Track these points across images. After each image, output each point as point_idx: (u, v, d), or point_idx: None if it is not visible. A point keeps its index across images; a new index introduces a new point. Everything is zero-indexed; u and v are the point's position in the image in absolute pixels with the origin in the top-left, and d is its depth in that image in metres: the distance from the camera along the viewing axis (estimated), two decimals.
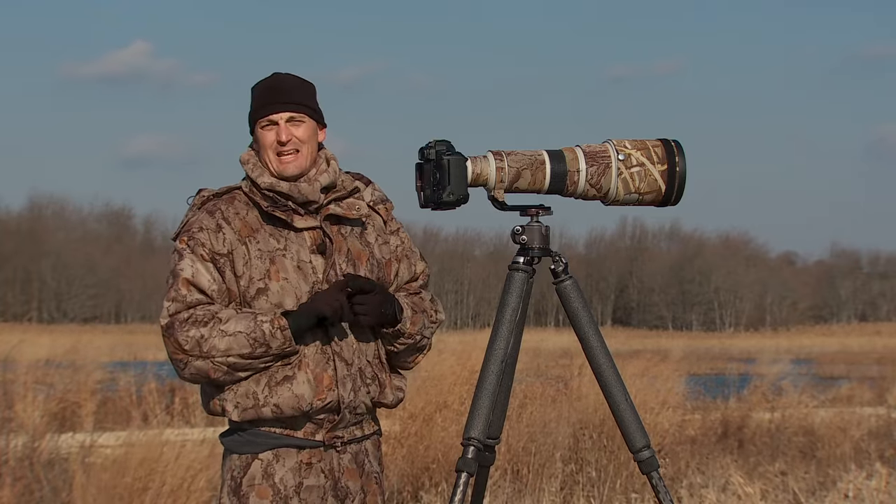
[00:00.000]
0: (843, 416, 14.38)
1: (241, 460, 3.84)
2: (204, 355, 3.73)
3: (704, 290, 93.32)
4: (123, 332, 57.26)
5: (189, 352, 3.74)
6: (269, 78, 3.92)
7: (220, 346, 3.72)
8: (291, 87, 3.88)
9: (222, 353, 3.73)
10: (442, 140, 3.91)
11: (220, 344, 3.72)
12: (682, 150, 4.04)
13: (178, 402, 14.93)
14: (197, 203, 3.89)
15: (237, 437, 3.86)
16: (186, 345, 3.74)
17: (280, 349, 3.76)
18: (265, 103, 3.87)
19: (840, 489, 9.81)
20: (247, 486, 3.82)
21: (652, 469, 3.98)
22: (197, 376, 3.77)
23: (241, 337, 3.73)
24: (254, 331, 3.73)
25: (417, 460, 10.01)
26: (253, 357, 3.74)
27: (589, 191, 3.98)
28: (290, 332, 3.75)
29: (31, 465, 8.67)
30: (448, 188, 3.87)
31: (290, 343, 3.76)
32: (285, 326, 3.74)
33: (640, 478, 9.65)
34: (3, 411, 9.50)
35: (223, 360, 3.73)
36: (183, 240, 3.80)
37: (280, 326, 3.74)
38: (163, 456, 8.62)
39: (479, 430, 3.88)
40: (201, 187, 3.94)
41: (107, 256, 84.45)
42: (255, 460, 3.83)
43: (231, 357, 3.73)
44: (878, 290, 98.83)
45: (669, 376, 13.30)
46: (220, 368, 3.75)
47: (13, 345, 11.49)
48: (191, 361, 3.74)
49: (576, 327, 4.01)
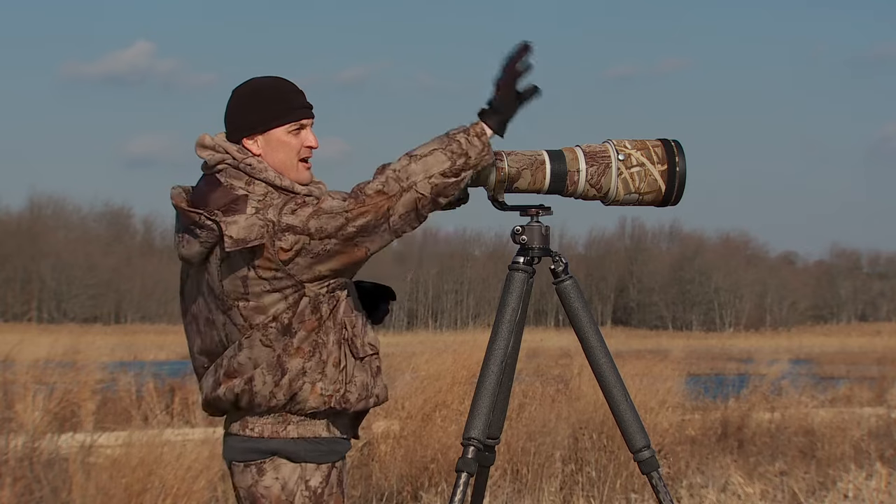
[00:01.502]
0: (842, 416, 14.38)
1: (322, 470, 3.72)
2: (406, 187, 3.61)
3: (704, 290, 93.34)
4: (123, 332, 57.24)
5: (391, 192, 3.60)
6: (285, 81, 3.83)
7: (418, 170, 3.62)
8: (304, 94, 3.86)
9: (423, 176, 3.61)
10: None
11: (417, 167, 3.62)
12: (682, 150, 4.04)
13: (178, 402, 14.94)
14: (259, 206, 3.68)
15: (319, 445, 3.72)
16: (386, 187, 3.61)
17: (479, 157, 3.68)
18: (296, 106, 3.79)
19: (840, 489, 9.81)
20: (327, 496, 3.72)
21: (652, 469, 3.98)
22: (408, 216, 3.62)
23: (438, 153, 3.64)
24: (448, 144, 3.65)
25: (417, 460, 10.01)
26: (455, 171, 3.64)
27: (589, 191, 3.99)
28: (488, 137, 3.69)
29: (31, 465, 8.67)
30: None
31: (487, 149, 3.68)
32: (482, 132, 3.69)
33: (640, 478, 9.65)
34: (3, 411, 9.49)
35: (425, 183, 3.61)
36: (298, 200, 3.64)
37: (476, 133, 3.68)
38: (163, 456, 8.62)
39: (479, 430, 3.88)
40: (177, 184, 3.79)
41: (107, 256, 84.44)
42: (333, 468, 3.74)
43: (433, 177, 3.62)
44: (878, 290, 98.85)
45: (669, 376, 13.30)
46: (426, 196, 3.62)
47: (13, 345, 11.49)
48: (395, 204, 3.61)
49: (576, 327, 4.01)
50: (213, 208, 3.66)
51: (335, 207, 3.61)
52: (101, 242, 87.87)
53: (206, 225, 3.65)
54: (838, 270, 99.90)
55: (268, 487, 3.70)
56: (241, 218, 3.62)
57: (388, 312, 3.96)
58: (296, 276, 3.64)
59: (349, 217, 3.60)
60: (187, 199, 3.74)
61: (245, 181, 3.71)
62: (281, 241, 3.61)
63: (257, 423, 3.72)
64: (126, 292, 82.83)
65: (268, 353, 3.67)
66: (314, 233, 3.61)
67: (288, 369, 3.66)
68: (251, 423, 3.73)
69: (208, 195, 3.70)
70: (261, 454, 3.72)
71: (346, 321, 3.72)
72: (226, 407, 3.78)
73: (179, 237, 3.77)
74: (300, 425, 3.72)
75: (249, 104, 3.78)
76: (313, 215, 3.62)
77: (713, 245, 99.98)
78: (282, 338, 3.66)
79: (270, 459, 3.71)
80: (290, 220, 3.62)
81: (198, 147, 3.78)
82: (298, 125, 3.79)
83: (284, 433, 3.70)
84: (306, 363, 3.67)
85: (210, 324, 3.76)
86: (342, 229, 3.61)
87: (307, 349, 3.67)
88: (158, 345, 40.23)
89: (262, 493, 3.71)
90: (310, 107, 3.82)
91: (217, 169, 3.74)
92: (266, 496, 3.70)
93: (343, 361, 3.71)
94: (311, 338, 3.67)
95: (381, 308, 3.94)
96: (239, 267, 3.66)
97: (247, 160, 3.73)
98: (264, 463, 3.71)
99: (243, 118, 3.77)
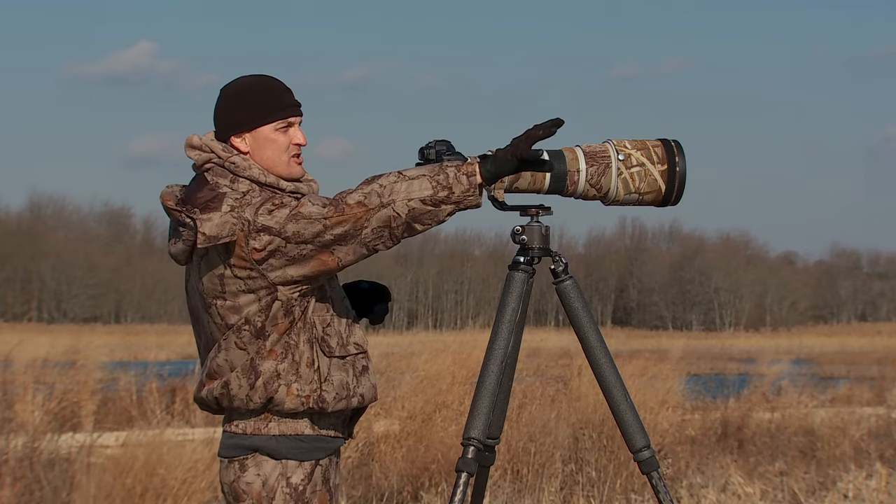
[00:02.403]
0: (842, 416, 14.37)
1: (304, 467, 3.73)
2: (385, 203, 3.58)
3: (704, 290, 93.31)
4: (123, 332, 57.22)
5: (369, 204, 3.58)
6: (273, 79, 3.85)
7: (400, 189, 3.59)
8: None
9: (405, 196, 3.58)
10: (442, 140, 3.90)
11: (399, 187, 3.59)
12: (682, 150, 4.04)
13: (178, 402, 14.94)
14: (234, 203, 3.68)
15: (300, 443, 3.73)
16: (367, 199, 3.59)
17: (462, 197, 3.63)
18: (285, 105, 3.82)
19: (840, 489, 9.81)
20: (310, 494, 3.73)
21: (652, 469, 3.98)
22: (381, 232, 3.60)
23: (424, 180, 3.61)
24: (437, 174, 3.63)
25: (417, 460, 10.02)
26: (435, 202, 3.61)
27: (589, 191, 3.99)
28: (476, 179, 3.64)
29: (31, 465, 8.67)
30: None
31: (473, 191, 3.63)
32: (472, 173, 3.64)
33: (640, 478, 9.66)
34: (3, 411, 9.49)
35: (403, 204, 3.58)
36: (275, 201, 3.64)
37: (466, 172, 3.64)
38: (163, 456, 8.63)
39: (479, 430, 3.88)
40: (173, 184, 3.82)
41: (107, 256, 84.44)
42: (317, 466, 3.75)
43: (412, 201, 3.59)
44: (878, 290, 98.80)
45: (669, 376, 13.32)
46: (400, 217, 3.59)
47: (13, 345, 11.49)
48: (372, 216, 3.58)
49: (576, 327, 4.01)
50: (194, 206, 3.69)
51: (314, 213, 3.61)
52: (101, 242, 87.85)
53: (186, 223, 3.69)
54: (838, 270, 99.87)
55: (249, 483, 3.73)
56: (217, 215, 3.65)
57: (387, 312, 3.97)
58: (269, 277, 3.66)
59: (327, 224, 3.60)
60: (179, 197, 3.77)
61: (230, 179, 3.74)
62: (254, 241, 3.63)
63: (241, 421, 3.77)
64: (126, 292, 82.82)
65: (242, 355, 3.70)
66: (290, 237, 3.62)
67: (261, 372, 3.69)
68: (236, 421, 3.78)
69: (194, 194, 3.74)
70: (243, 450, 3.75)
71: (315, 319, 3.73)
72: (212, 407, 3.82)
73: (171, 236, 3.83)
74: (282, 423, 3.74)
75: (236, 103, 3.81)
76: (291, 218, 3.62)
77: (713, 245, 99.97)
78: (255, 340, 3.69)
79: (252, 456, 3.74)
80: (266, 221, 3.63)
81: (186, 147, 3.82)
82: (286, 123, 3.82)
83: (266, 430, 3.74)
84: (279, 365, 3.69)
85: (200, 322, 3.82)
86: (319, 236, 3.61)
87: (279, 351, 3.70)
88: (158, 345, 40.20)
89: (243, 488, 3.74)
90: (297, 104, 3.85)
91: (205, 168, 3.78)
92: (247, 492, 3.73)
93: (316, 361, 3.72)
94: (282, 340, 3.70)
95: (381, 308, 3.95)
96: (216, 265, 3.69)
97: (231, 158, 3.76)
98: (246, 459, 3.74)
99: (231, 117, 3.81)
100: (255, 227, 3.62)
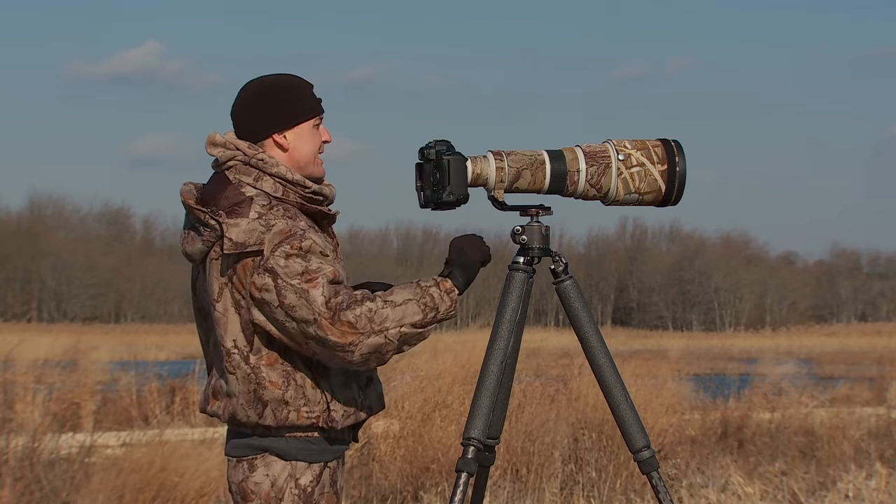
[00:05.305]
0: (842, 416, 14.38)
1: (314, 469, 3.72)
2: (377, 330, 3.57)
3: (704, 290, 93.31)
4: (123, 332, 57.25)
5: (361, 329, 3.55)
6: (300, 77, 3.85)
7: (392, 317, 3.59)
8: None
9: (396, 324, 3.59)
10: (442, 140, 3.91)
11: (391, 314, 3.59)
12: (682, 150, 4.05)
13: (178, 402, 14.94)
14: (262, 211, 3.65)
15: (310, 444, 3.72)
16: (358, 322, 3.55)
17: (446, 313, 3.69)
18: (317, 101, 3.84)
19: (840, 489, 9.81)
20: (318, 495, 3.73)
21: (652, 469, 3.98)
22: (369, 357, 3.59)
23: (412, 304, 3.62)
24: (422, 296, 3.65)
25: (417, 460, 10.02)
26: (424, 324, 3.64)
27: (589, 191, 3.99)
28: (456, 295, 3.70)
29: (31, 465, 8.67)
30: (448, 188, 3.87)
31: (454, 306, 3.70)
32: (451, 289, 3.69)
33: (640, 478, 9.66)
34: (3, 411, 9.49)
35: (396, 331, 3.59)
36: (294, 244, 3.60)
37: (446, 290, 3.69)
38: (163, 456, 8.63)
39: (479, 430, 3.89)
40: (189, 181, 3.80)
41: (107, 256, 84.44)
42: (326, 468, 3.75)
43: (404, 327, 3.60)
44: (878, 290, 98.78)
45: (669, 376, 13.32)
46: (392, 343, 3.59)
47: (13, 345, 11.49)
48: (363, 340, 3.56)
49: (576, 327, 4.01)
50: (218, 208, 3.66)
51: (316, 303, 3.56)
52: (101, 242, 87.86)
53: (210, 224, 3.66)
54: (838, 270, 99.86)
55: (258, 483, 3.71)
56: (244, 222, 3.62)
57: None
58: (253, 315, 3.63)
59: (319, 325, 3.56)
60: (197, 196, 3.75)
61: (254, 177, 3.71)
62: (258, 277, 3.60)
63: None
64: (126, 292, 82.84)
65: (243, 387, 3.68)
66: (285, 306, 3.58)
67: (267, 402, 3.68)
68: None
69: (216, 194, 3.70)
70: (253, 450, 3.73)
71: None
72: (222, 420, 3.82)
73: (185, 234, 3.79)
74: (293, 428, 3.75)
75: (277, 100, 3.78)
76: (295, 288, 3.58)
77: (713, 245, 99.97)
78: (252, 375, 3.66)
79: (262, 456, 3.72)
80: (275, 265, 3.59)
81: (208, 145, 3.78)
82: (320, 119, 3.84)
83: (277, 432, 3.73)
84: (284, 394, 3.67)
85: (208, 321, 3.80)
86: (306, 325, 3.57)
87: (279, 381, 3.67)
88: (158, 345, 40.23)
89: (252, 488, 3.72)
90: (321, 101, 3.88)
91: (227, 166, 3.75)
92: (256, 492, 3.72)
93: (319, 380, 3.71)
94: (277, 368, 3.67)
95: None
96: (224, 272, 3.67)
97: (258, 156, 3.73)
98: (256, 459, 3.73)
99: (273, 113, 3.77)
100: (265, 264, 3.59)
